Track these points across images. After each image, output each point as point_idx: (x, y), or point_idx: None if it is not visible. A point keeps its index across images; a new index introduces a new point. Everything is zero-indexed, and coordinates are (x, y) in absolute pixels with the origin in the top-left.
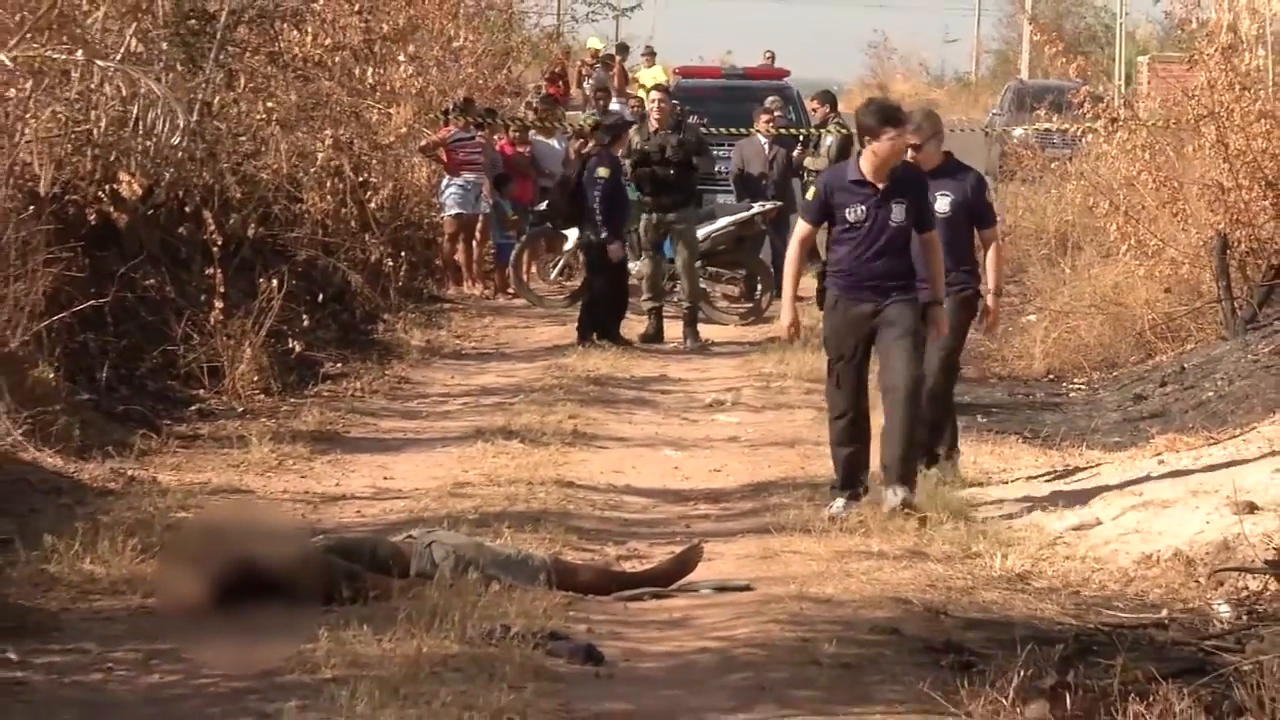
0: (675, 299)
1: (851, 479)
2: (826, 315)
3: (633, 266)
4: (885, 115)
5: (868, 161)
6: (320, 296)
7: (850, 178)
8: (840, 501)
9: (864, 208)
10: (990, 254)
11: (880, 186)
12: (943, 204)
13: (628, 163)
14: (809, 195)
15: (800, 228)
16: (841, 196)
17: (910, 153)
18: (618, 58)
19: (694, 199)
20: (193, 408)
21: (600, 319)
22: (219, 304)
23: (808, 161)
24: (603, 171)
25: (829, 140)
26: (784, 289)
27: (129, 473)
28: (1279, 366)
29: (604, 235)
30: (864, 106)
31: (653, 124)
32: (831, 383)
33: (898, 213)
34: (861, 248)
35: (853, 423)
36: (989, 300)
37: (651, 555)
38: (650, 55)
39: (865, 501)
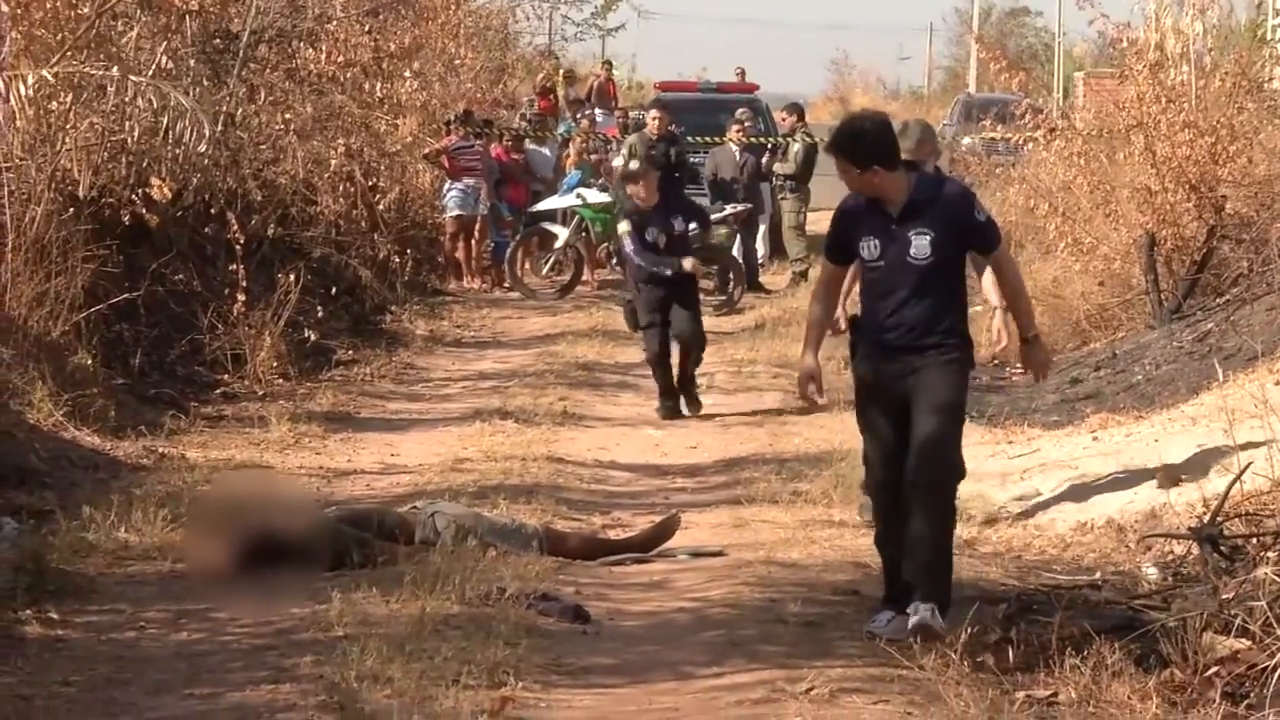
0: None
1: (897, 584)
2: (855, 375)
3: None
4: (832, 143)
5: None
6: (333, 290)
7: (864, 203)
8: (885, 616)
9: (878, 242)
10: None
11: (894, 213)
12: None
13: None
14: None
15: (821, 267)
16: (855, 227)
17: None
18: (602, 72)
19: None
20: (217, 391)
21: None
22: (241, 297)
23: (777, 167)
24: None
25: (796, 147)
26: (805, 334)
27: (159, 450)
28: (1201, 352)
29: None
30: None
31: (651, 134)
32: (864, 461)
33: (919, 245)
34: (882, 293)
35: (888, 519)
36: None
37: (633, 524)
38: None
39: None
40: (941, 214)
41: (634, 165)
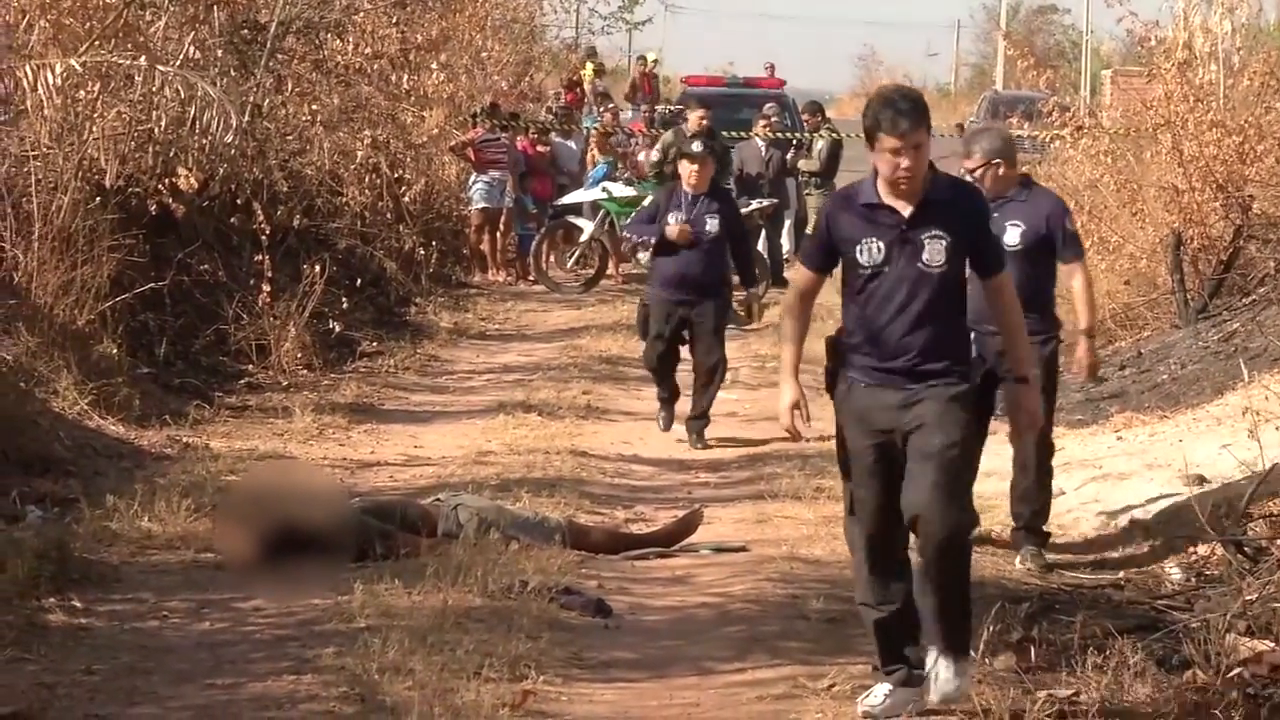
0: None
1: (892, 652)
2: (837, 407)
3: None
4: (876, 115)
5: (883, 179)
6: (358, 281)
7: (863, 200)
8: (881, 691)
9: (881, 245)
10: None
11: (906, 213)
12: (1012, 235)
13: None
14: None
15: (797, 275)
16: (850, 228)
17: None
18: (638, 67)
19: None
20: (242, 381)
21: None
22: (267, 287)
23: (802, 164)
24: None
25: (821, 144)
26: (782, 356)
27: (184, 440)
28: (1226, 352)
29: None
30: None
31: (689, 131)
32: (846, 509)
33: (934, 251)
34: (882, 306)
35: (884, 574)
36: (1081, 344)
37: (656, 519)
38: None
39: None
40: (957, 216)
41: (697, 146)
